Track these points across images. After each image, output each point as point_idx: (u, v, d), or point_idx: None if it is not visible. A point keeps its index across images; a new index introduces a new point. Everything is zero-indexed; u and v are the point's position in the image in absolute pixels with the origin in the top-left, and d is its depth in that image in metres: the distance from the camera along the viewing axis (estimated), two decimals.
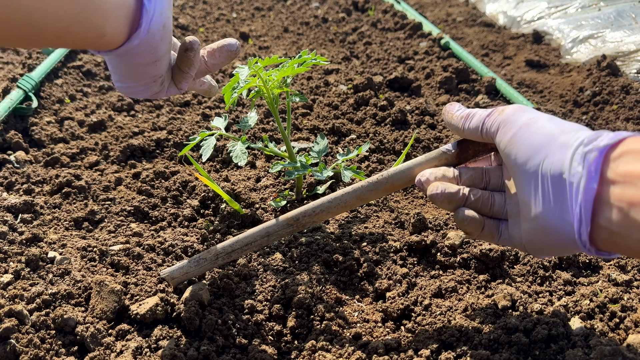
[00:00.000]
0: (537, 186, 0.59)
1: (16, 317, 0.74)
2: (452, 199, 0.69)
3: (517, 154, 0.61)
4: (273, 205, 1.07)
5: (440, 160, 0.74)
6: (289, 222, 0.78)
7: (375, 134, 1.36)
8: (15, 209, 1.01)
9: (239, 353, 0.75)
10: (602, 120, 1.55)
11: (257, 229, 0.79)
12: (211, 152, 0.99)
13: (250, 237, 0.79)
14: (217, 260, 0.80)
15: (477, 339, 0.75)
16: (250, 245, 0.79)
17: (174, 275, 0.82)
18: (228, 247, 0.80)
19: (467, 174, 0.72)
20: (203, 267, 0.81)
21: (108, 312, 0.77)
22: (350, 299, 0.87)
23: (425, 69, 1.80)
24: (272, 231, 0.79)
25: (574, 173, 0.54)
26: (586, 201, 0.53)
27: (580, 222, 0.54)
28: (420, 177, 0.72)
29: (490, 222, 0.70)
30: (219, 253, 0.79)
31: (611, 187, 0.52)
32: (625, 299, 0.82)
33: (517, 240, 0.67)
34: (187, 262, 0.81)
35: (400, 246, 0.96)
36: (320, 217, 0.77)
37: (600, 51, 1.87)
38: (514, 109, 0.66)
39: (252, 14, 2.55)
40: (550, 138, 0.59)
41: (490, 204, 0.70)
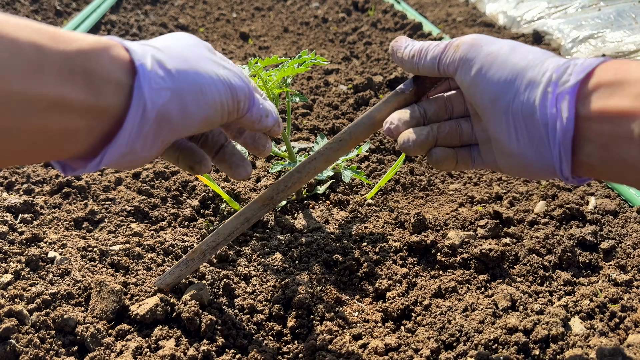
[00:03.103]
0: (510, 126, 0.57)
1: (16, 317, 0.74)
2: (424, 146, 0.66)
3: (482, 95, 0.59)
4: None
5: (400, 102, 0.70)
6: (265, 203, 0.75)
7: (375, 133, 1.36)
8: (15, 209, 1.01)
9: (239, 353, 0.75)
10: None
11: (236, 217, 0.77)
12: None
13: (230, 226, 0.77)
14: (204, 257, 0.79)
15: (477, 339, 0.75)
16: (232, 234, 0.78)
17: (166, 281, 0.81)
18: (212, 242, 0.78)
19: (431, 109, 0.69)
20: (193, 267, 0.80)
21: (108, 312, 0.77)
22: (350, 299, 0.87)
23: None
24: (251, 215, 0.77)
25: (548, 114, 0.53)
26: (565, 141, 0.53)
27: (561, 161, 0.54)
28: (388, 125, 0.67)
29: (462, 152, 0.68)
30: (204, 250, 0.78)
31: (588, 124, 0.51)
32: (625, 299, 0.82)
33: (492, 164, 0.65)
34: (176, 266, 0.80)
35: (400, 246, 0.96)
36: (293, 189, 0.75)
37: (600, 51, 1.87)
38: (469, 44, 0.61)
39: (252, 14, 2.55)
40: (516, 75, 0.56)
41: (459, 134, 0.67)
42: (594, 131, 0.51)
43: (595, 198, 1.11)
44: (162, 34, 2.13)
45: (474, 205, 1.10)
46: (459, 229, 1.01)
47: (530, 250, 0.95)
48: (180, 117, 0.51)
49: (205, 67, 0.54)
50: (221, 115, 0.56)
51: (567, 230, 1.00)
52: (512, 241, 0.97)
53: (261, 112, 0.62)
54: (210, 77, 0.53)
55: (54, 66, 0.42)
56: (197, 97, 0.52)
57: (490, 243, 0.94)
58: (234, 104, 0.57)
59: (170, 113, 0.50)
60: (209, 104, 0.53)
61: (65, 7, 2.30)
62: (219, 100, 0.54)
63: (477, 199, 1.11)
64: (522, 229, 1.02)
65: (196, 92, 0.52)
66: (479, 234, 0.98)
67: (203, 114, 0.53)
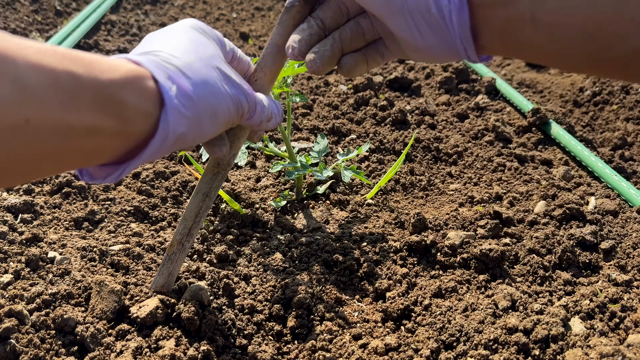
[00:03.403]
0: (410, 25, 0.58)
1: (16, 317, 0.74)
2: (331, 61, 0.66)
3: (373, 1, 0.59)
4: (273, 205, 1.07)
5: (295, 17, 0.68)
6: (215, 171, 0.74)
7: (375, 134, 1.36)
8: (15, 209, 1.01)
9: (239, 353, 0.75)
10: (602, 120, 1.55)
11: (194, 197, 0.76)
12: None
13: (193, 207, 0.76)
14: (183, 246, 0.77)
15: (477, 339, 0.75)
16: (199, 214, 0.76)
17: (159, 282, 0.80)
18: (183, 229, 0.77)
19: (327, 15, 0.67)
20: (178, 260, 0.78)
21: (108, 312, 0.77)
22: (350, 299, 0.87)
23: (425, 69, 1.80)
24: (207, 189, 0.75)
25: (443, 7, 0.54)
26: (463, 32, 0.55)
27: (465, 48, 0.56)
28: (290, 50, 0.66)
29: (370, 51, 0.67)
30: (180, 240, 0.77)
31: (483, 11, 0.54)
32: (625, 299, 0.82)
33: (401, 54, 0.66)
34: (162, 265, 0.79)
35: (400, 246, 0.96)
36: (237, 147, 0.73)
37: None
38: None
39: (252, 14, 2.55)
40: None
41: (362, 34, 0.67)
42: (489, 17, 0.54)
43: (595, 198, 1.11)
44: None
45: (474, 205, 1.10)
46: (459, 229, 1.01)
47: (530, 250, 0.95)
48: (195, 136, 0.57)
49: (219, 88, 0.58)
50: (225, 127, 0.62)
51: (567, 230, 1.00)
52: (512, 241, 0.97)
53: (262, 118, 0.66)
54: (224, 100, 0.58)
55: (89, 95, 0.46)
56: (212, 119, 0.57)
57: (490, 243, 0.94)
58: (237, 117, 0.62)
59: (187, 135, 0.55)
60: (220, 124, 0.59)
61: (65, 7, 2.30)
62: (229, 118, 0.60)
63: (477, 199, 1.11)
64: (522, 229, 1.02)
65: (211, 115, 0.57)
66: (479, 234, 0.98)
67: (213, 131, 0.59)
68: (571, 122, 1.48)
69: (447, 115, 1.49)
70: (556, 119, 1.43)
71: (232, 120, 0.61)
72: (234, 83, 0.60)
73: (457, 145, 1.33)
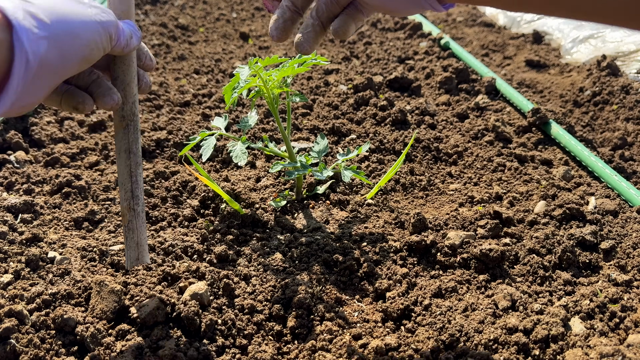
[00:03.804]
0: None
1: (16, 317, 0.74)
2: (318, 39, 0.70)
3: None
4: (273, 205, 1.07)
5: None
6: (124, 125, 0.73)
7: (375, 134, 1.36)
8: (15, 209, 1.01)
9: (239, 353, 0.75)
10: (602, 120, 1.55)
11: (119, 159, 0.75)
12: (211, 152, 0.99)
13: (123, 168, 0.75)
14: (136, 211, 0.76)
15: (477, 339, 0.75)
16: (132, 172, 0.75)
17: (132, 257, 0.78)
18: (126, 194, 0.75)
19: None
20: (139, 227, 0.77)
21: (108, 312, 0.77)
22: (350, 299, 0.87)
23: (425, 69, 1.80)
24: (127, 145, 0.73)
25: None
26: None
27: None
28: (275, 40, 0.72)
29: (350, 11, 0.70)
30: (129, 205, 0.75)
31: None
32: (625, 299, 0.82)
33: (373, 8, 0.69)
34: (126, 240, 0.77)
35: (400, 246, 0.96)
36: (130, 93, 0.73)
37: (600, 51, 1.87)
38: None
39: (252, 14, 2.55)
40: None
41: (335, 2, 0.69)
42: None
43: (595, 198, 1.11)
44: (162, 34, 2.13)
45: (474, 205, 1.10)
46: (459, 229, 1.01)
47: (530, 250, 0.95)
48: (61, 61, 0.56)
49: (74, 11, 0.58)
50: (97, 51, 0.61)
51: (567, 230, 1.00)
52: (512, 241, 0.97)
53: (126, 36, 0.67)
54: (82, 20, 0.58)
55: None
56: (74, 40, 0.57)
57: (490, 243, 0.94)
58: (107, 39, 0.62)
59: (51, 59, 0.54)
60: (85, 45, 0.58)
61: None
62: (93, 38, 0.59)
63: (477, 199, 1.11)
64: (522, 229, 1.02)
65: (72, 36, 0.56)
66: (479, 234, 0.98)
67: (81, 54, 0.58)
68: (571, 122, 1.48)
69: (447, 115, 1.49)
70: (556, 119, 1.43)
71: (101, 42, 0.61)
72: (91, 4, 0.61)
73: (457, 145, 1.33)
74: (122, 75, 0.72)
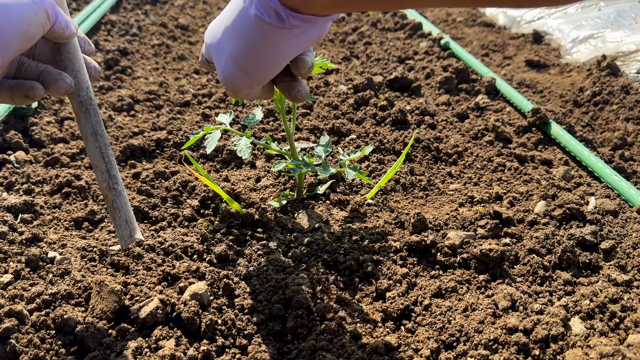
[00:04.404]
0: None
1: (16, 317, 0.74)
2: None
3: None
4: (273, 205, 1.07)
5: None
6: (83, 109, 0.76)
7: (375, 134, 1.36)
8: (15, 209, 1.01)
9: (239, 353, 0.75)
10: (602, 120, 1.55)
11: (87, 143, 0.76)
12: (215, 145, 1.01)
13: (94, 150, 0.76)
14: (116, 190, 0.77)
15: (477, 339, 0.75)
16: (103, 153, 0.76)
17: (126, 235, 0.78)
18: (103, 175, 0.77)
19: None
20: (123, 205, 0.78)
21: (108, 312, 0.77)
22: (350, 299, 0.87)
23: (425, 69, 1.80)
24: (91, 129, 0.76)
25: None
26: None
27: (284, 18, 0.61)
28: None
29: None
30: (108, 186, 0.77)
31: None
32: (625, 299, 0.82)
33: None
34: (115, 220, 0.79)
35: (400, 246, 0.96)
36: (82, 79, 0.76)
37: (600, 51, 1.87)
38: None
39: None
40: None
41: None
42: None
43: (595, 198, 1.11)
44: (162, 34, 2.13)
45: (474, 205, 1.10)
46: (459, 229, 1.01)
47: (530, 250, 0.95)
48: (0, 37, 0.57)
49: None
50: (36, 27, 0.62)
51: (567, 230, 1.00)
52: (512, 241, 0.97)
53: (65, 19, 0.69)
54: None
55: None
56: (7, 14, 0.58)
57: (490, 243, 0.94)
58: (44, 16, 0.63)
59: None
60: (20, 20, 0.59)
61: None
62: (27, 13, 0.60)
63: (477, 199, 1.11)
64: (522, 229, 1.02)
65: (5, 11, 0.58)
66: (479, 234, 0.98)
67: (17, 29, 0.59)
68: (571, 122, 1.48)
69: (447, 115, 1.49)
70: (556, 119, 1.43)
71: (38, 17, 0.62)
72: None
73: (457, 145, 1.33)
74: (71, 64, 0.74)
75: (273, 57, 0.66)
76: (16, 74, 0.71)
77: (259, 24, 0.62)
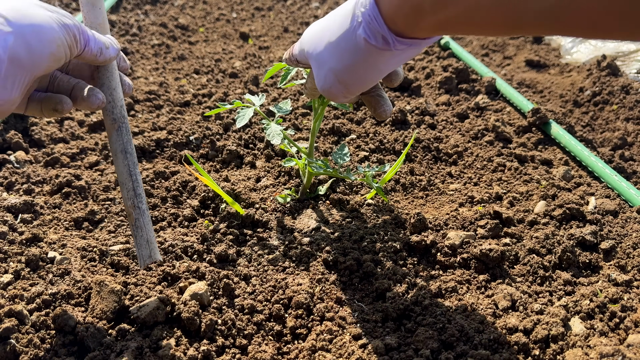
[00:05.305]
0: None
1: (16, 317, 0.74)
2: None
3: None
4: (279, 201, 1.07)
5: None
6: (115, 126, 0.76)
7: (375, 134, 1.36)
8: (15, 209, 1.01)
9: (239, 353, 0.75)
10: (602, 120, 1.55)
11: (116, 159, 0.77)
12: (245, 123, 1.01)
13: (122, 168, 0.76)
14: (140, 209, 0.77)
15: (477, 339, 0.75)
16: (131, 171, 0.76)
17: (145, 254, 0.78)
18: (129, 193, 0.76)
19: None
20: (146, 224, 0.77)
21: (108, 312, 0.77)
22: (350, 299, 0.87)
23: (425, 69, 1.80)
24: (122, 146, 0.76)
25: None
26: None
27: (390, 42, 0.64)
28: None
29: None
30: (133, 204, 0.77)
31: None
32: (625, 299, 0.82)
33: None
34: (136, 238, 0.78)
35: (400, 246, 0.96)
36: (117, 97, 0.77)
37: (600, 51, 1.87)
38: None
39: (252, 14, 2.55)
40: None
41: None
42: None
43: (595, 198, 1.11)
44: (162, 34, 2.13)
45: (474, 205, 1.10)
46: (459, 229, 1.01)
47: (530, 250, 0.95)
48: (29, 56, 0.60)
49: (36, 12, 0.62)
50: (64, 50, 0.64)
51: (567, 230, 1.00)
52: (512, 241, 0.97)
53: (99, 45, 0.71)
54: (44, 19, 0.62)
55: None
56: (38, 36, 0.61)
57: (490, 243, 0.94)
58: (70, 38, 0.65)
59: (19, 53, 0.59)
60: (49, 41, 0.62)
61: (65, 7, 2.30)
62: (57, 36, 0.63)
63: (477, 199, 1.11)
64: (522, 229, 1.02)
65: (36, 32, 0.61)
66: (479, 234, 0.98)
67: (47, 50, 0.62)
68: (571, 122, 1.48)
69: (447, 115, 1.49)
70: (556, 119, 1.43)
71: (65, 40, 0.64)
72: (53, 9, 0.65)
73: (457, 145, 1.33)
74: (108, 82, 0.76)
75: (372, 74, 0.69)
76: (48, 87, 0.74)
77: (365, 45, 0.65)
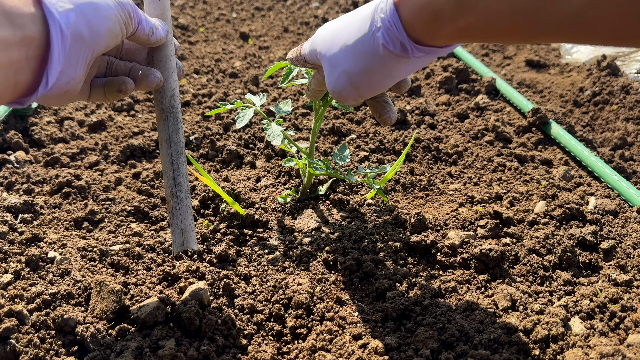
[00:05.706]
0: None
1: (16, 317, 0.74)
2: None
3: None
4: (279, 201, 1.07)
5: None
6: (163, 116, 0.77)
7: (375, 134, 1.36)
8: (15, 209, 1.01)
9: (239, 353, 0.75)
10: (602, 120, 1.55)
11: (161, 148, 0.77)
12: (246, 123, 1.01)
13: (165, 157, 0.77)
14: (179, 197, 0.77)
15: (477, 339, 0.75)
16: (173, 160, 0.77)
17: (178, 242, 0.78)
18: (169, 181, 0.77)
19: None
20: (182, 213, 0.78)
21: (108, 312, 0.77)
22: (350, 299, 0.87)
23: (425, 69, 1.80)
24: (167, 135, 0.77)
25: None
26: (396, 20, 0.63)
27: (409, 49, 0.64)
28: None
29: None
30: (172, 192, 0.77)
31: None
32: (625, 299, 0.82)
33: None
34: (171, 226, 0.78)
35: (400, 246, 0.96)
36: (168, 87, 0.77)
37: (600, 51, 1.87)
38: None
39: (252, 14, 2.55)
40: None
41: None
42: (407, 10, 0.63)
43: (595, 198, 1.11)
44: None
45: (474, 205, 1.10)
46: (459, 229, 1.01)
47: (530, 250, 0.95)
48: (90, 32, 0.61)
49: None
50: (119, 26, 0.66)
51: (567, 230, 1.00)
52: (512, 241, 0.97)
53: (150, 25, 0.72)
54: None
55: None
56: (96, 12, 0.62)
57: (490, 243, 0.94)
58: (125, 15, 0.66)
59: (81, 29, 0.60)
60: (106, 17, 0.63)
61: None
62: (113, 13, 0.64)
63: (477, 199, 1.11)
64: (522, 229, 1.02)
65: (94, 8, 0.62)
66: (479, 234, 0.98)
67: (105, 26, 0.63)
68: (571, 122, 1.48)
69: (447, 115, 1.49)
70: (556, 119, 1.43)
71: (121, 17, 0.65)
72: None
73: (457, 145, 1.33)
74: (161, 70, 0.77)
75: (385, 80, 0.69)
76: (106, 73, 0.76)
77: (382, 51, 0.65)
